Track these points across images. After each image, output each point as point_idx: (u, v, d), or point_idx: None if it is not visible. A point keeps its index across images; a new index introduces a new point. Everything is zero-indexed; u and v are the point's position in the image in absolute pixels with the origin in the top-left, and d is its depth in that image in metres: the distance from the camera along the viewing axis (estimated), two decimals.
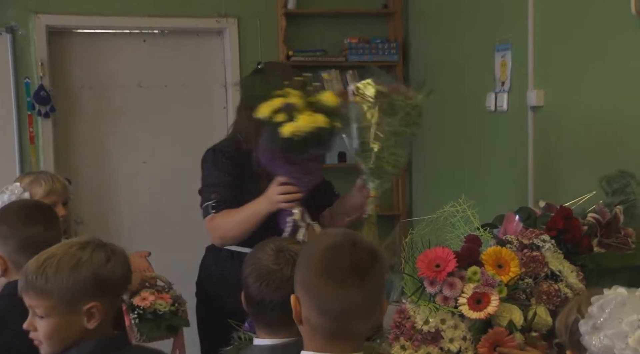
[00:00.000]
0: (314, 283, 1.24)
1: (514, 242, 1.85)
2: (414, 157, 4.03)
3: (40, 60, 3.58)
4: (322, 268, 1.24)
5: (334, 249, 1.25)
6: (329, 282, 1.22)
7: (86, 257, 1.49)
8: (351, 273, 1.23)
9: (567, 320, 1.27)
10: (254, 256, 1.53)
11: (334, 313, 1.23)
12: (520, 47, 2.86)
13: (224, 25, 3.87)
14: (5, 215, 1.92)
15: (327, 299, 1.22)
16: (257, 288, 1.47)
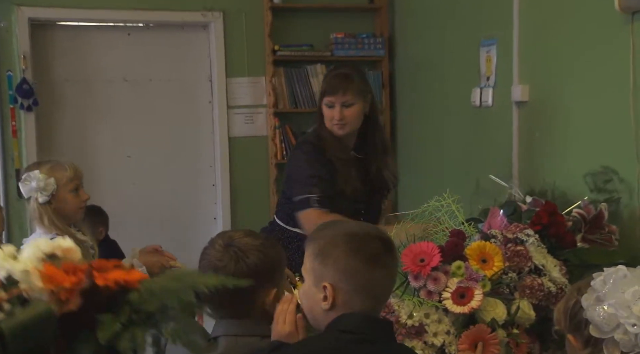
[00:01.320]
0: (359, 269, 1.31)
1: (498, 236, 1.86)
2: (400, 151, 4.04)
3: (22, 53, 3.53)
4: (365, 255, 1.31)
5: (367, 238, 1.35)
6: (376, 268, 1.32)
7: None
8: (388, 257, 1.35)
9: (566, 305, 1.30)
10: (205, 251, 1.58)
11: (380, 295, 1.35)
12: (505, 42, 2.86)
13: (210, 19, 3.85)
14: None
15: (373, 283, 1.32)
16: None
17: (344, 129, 2.41)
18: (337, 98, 2.38)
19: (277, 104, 3.85)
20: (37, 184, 2.15)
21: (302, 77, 3.87)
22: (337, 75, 2.43)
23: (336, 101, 2.38)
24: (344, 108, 2.39)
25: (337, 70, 2.51)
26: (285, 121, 3.89)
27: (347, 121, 2.40)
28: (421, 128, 3.77)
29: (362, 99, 2.43)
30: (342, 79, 2.40)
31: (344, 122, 2.40)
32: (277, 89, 3.85)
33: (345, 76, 2.42)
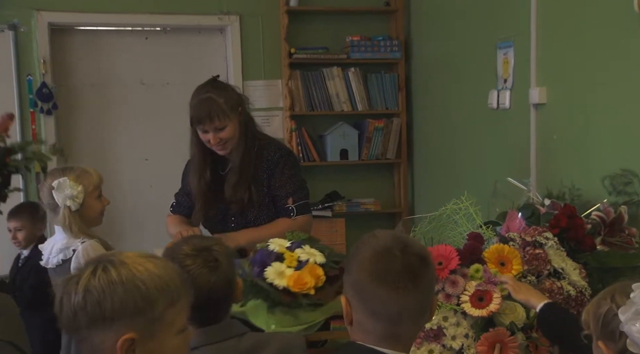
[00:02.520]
0: (367, 287, 1.22)
1: (516, 239, 1.85)
2: (415, 153, 4.04)
3: (42, 57, 3.58)
4: (375, 272, 1.22)
5: (385, 253, 1.23)
6: (383, 286, 1.21)
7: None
8: (404, 277, 1.21)
9: (598, 311, 1.24)
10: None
11: (388, 317, 1.22)
12: (522, 44, 2.85)
13: (226, 22, 3.87)
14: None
15: (381, 304, 1.21)
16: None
17: (225, 149, 2.37)
18: (207, 125, 2.32)
19: (294, 106, 3.86)
20: (70, 192, 2.18)
21: (319, 80, 3.88)
22: (201, 103, 2.33)
23: (207, 128, 2.33)
24: (217, 132, 2.33)
25: (200, 94, 2.36)
26: (302, 124, 3.90)
27: (225, 141, 2.35)
28: (437, 131, 3.76)
29: (234, 115, 2.34)
30: (206, 106, 2.31)
31: (222, 143, 2.35)
32: (294, 91, 3.86)
33: (208, 102, 2.31)
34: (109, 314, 1.13)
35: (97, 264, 1.16)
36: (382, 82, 3.97)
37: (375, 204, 4.02)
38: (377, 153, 3.98)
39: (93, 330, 1.15)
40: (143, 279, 1.15)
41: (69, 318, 1.15)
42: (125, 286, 1.14)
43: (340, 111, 3.92)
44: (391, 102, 3.99)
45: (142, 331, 1.15)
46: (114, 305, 1.13)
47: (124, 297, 1.14)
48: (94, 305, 1.13)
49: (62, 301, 1.16)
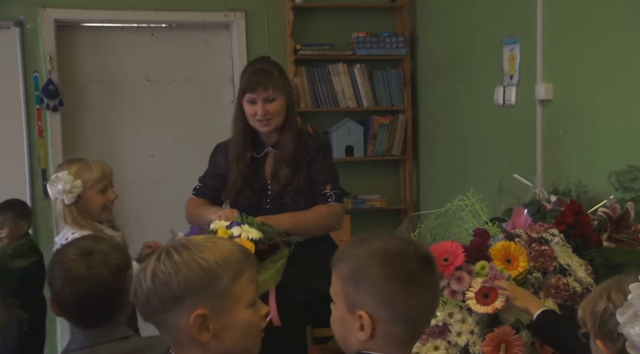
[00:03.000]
0: (396, 296, 1.19)
1: (522, 236, 1.85)
2: (421, 150, 4.03)
3: (48, 54, 3.59)
4: (401, 278, 1.20)
5: (403, 258, 1.21)
6: (413, 293, 1.20)
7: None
8: (427, 276, 1.22)
9: (594, 309, 1.23)
10: (61, 265, 1.55)
11: (420, 321, 1.23)
12: (528, 40, 2.84)
13: (232, 19, 3.87)
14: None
15: (413, 309, 1.20)
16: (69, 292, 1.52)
17: (269, 125, 2.33)
18: (259, 94, 2.30)
19: (299, 103, 3.86)
20: (63, 186, 2.19)
21: (324, 76, 3.88)
22: (256, 71, 2.34)
23: (258, 97, 2.30)
24: (267, 103, 2.31)
25: (255, 65, 2.40)
26: (307, 120, 3.90)
27: (272, 116, 2.33)
28: (443, 127, 3.76)
29: (284, 92, 2.35)
30: (262, 73, 2.33)
31: (268, 117, 2.32)
32: (299, 88, 3.85)
33: (264, 71, 2.34)
34: (177, 293, 1.20)
35: (162, 251, 1.24)
36: (387, 78, 3.97)
37: (381, 201, 4.01)
38: (382, 150, 3.97)
39: (167, 312, 1.21)
40: (204, 256, 1.22)
41: (144, 304, 1.22)
42: (188, 265, 1.20)
43: (346, 107, 3.91)
44: (397, 99, 3.98)
45: (212, 306, 1.21)
46: (180, 284, 1.19)
47: (188, 274, 1.20)
48: (162, 287, 1.20)
49: (136, 291, 1.23)
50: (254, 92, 2.30)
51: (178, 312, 1.20)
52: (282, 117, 2.35)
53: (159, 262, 1.21)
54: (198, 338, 1.20)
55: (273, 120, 2.33)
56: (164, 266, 1.21)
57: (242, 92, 2.35)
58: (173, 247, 1.24)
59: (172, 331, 1.23)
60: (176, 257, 1.21)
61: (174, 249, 1.23)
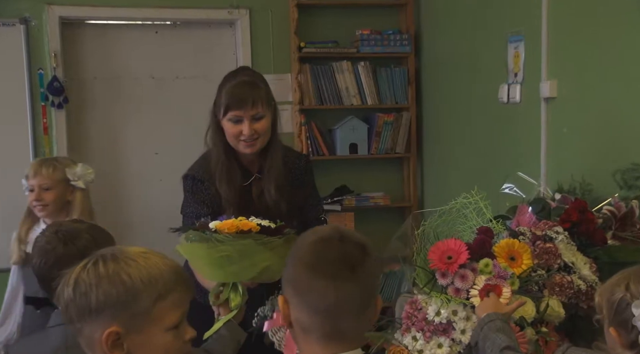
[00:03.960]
0: (303, 280, 1.15)
1: (527, 233, 1.84)
2: (425, 148, 4.03)
3: (53, 51, 3.60)
4: (310, 262, 1.15)
5: (322, 243, 1.17)
6: (318, 277, 1.14)
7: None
8: (341, 266, 1.14)
9: (611, 297, 1.22)
10: (35, 240, 1.66)
11: (326, 310, 1.14)
12: (533, 38, 2.84)
13: (236, 16, 3.87)
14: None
15: (318, 296, 1.14)
16: (38, 266, 1.60)
17: (254, 146, 2.08)
18: (247, 111, 2.04)
19: (303, 100, 3.86)
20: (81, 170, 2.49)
21: (328, 73, 3.87)
22: (241, 85, 2.07)
23: (245, 115, 2.04)
24: (254, 122, 2.05)
25: (238, 77, 2.11)
26: (311, 118, 3.90)
27: (258, 136, 2.07)
28: (447, 125, 3.75)
29: (270, 108, 2.11)
30: (249, 88, 2.06)
31: (254, 137, 2.06)
32: (303, 85, 3.86)
33: (252, 85, 2.07)
34: (94, 306, 1.18)
35: (91, 259, 1.22)
36: (391, 76, 3.96)
37: (385, 199, 4.01)
38: (386, 147, 3.97)
39: (82, 322, 1.20)
40: (129, 272, 1.18)
41: (63, 310, 1.22)
42: (110, 279, 1.18)
43: (350, 105, 3.91)
44: (401, 96, 3.98)
45: (127, 324, 1.17)
46: (99, 297, 1.17)
47: (108, 289, 1.17)
48: (81, 297, 1.18)
49: (59, 294, 1.22)
50: (240, 109, 2.04)
51: (93, 325, 1.18)
52: (267, 137, 2.10)
53: (84, 271, 1.20)
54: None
55: (259, 140, 2.08)
56: (87, 276, 1.19)
57: (225, 110, 2.06)
58: (102, 256, 1.21)
59: (88, 343, 1.21)
60: (101, 269, 1.19)
61: (102, 259, 1.21)
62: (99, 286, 1.18)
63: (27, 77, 3.57)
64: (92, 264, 1.20)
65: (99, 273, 1.19)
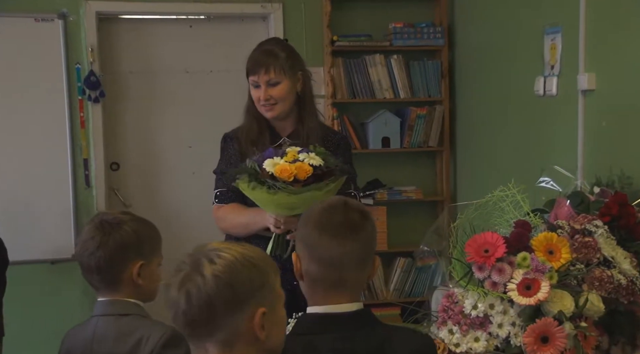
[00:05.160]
0: (312, 237, 1.39)
1: (565, 227, 1.82)
2: (459, 141, 4.00)
3: (90, 46, 3.66)
4: (318, 223, 1.40)
5: (328, 208, 1.42)
6: (324, 234, 1.38)
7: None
8: (343, 226, 1.39)
9: None
10: (83, 230, 1.69)
11: (330, 262, 1.37)
12: (571, 30, 2.79)
13: (269, 10, 3.88)
14: None
15: (323, 249, 1.37)
16: (79, 255, 1.65)
17: (273, 111, 2.21)
18: (261, 77, 2.19)
19: (336, 94, 3.86)
20: None
21: (361, 67, 3.87)
22: (260, 52, 2.22)
23: (260, 80, 2.19)
24: (269, 87, 2.19)
25: (261, 46, 2.27)
26: (343, 111, 3.90)
27: (276, 101, 2.19)
28: (481, 118, 3.72)
29: (291, 76, 2.20)
30: (265, 55, 2.20)
31: (271, 102, 2.19)
32: (336, 79, 3.85)
33: (269, 52, 2.20)
34: (242, 294, 1.16)
35: (201, 256, 1.18)
36: (425, 69, 3.94)
37: (417, 192, 4.00)
38: (419, 141, 3.95)
39: (229, 315, 1.16)
40: (250, 255, 1.20)
41: (202, 309, 1.15)
42: (242, 263, 1.18)
43: (383, 98, 3.90)
44: (434, 90, 3.95)
45: (268, 303, 1.20)
46: (244, 283, 1.17)
47: (248, 273, 1.17)
48: (227, 288, 1.15)
49: (188, 296, 1.15)
50: (255, 74, 2.20)
51: (242, 313, 1.17)
52: (289, 103, 2.22)
53: (214, 263, 1.16)
54: (260, 337, 1.18)
55: (278, 105, 2.21)
56: (221, 266, 1.16)
57: (247, 74, 2.25)
58: (216, 249, 1.19)
59: (228, 334, 1.17)
60: (228, 257, 1.18)
61: (212, 252, 1.18)
62: (239, 272, 1.17)
63: (64, 71, 3.63)
64: (215, 256, 1.17)
65: (229, 260, 1.17)
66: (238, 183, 2.00)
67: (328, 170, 1.95)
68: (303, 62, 2.30)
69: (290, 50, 2.27)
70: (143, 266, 1.62)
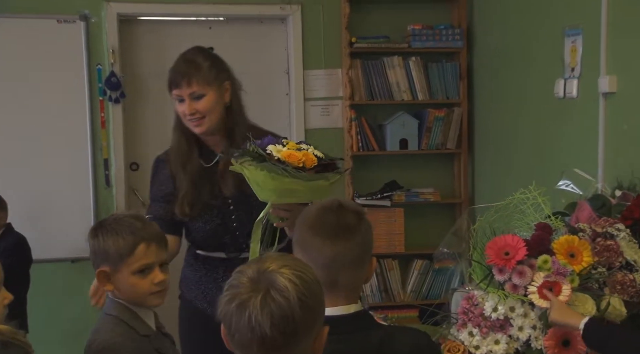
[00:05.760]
0: (306, 239, 1.40)
1: (586, 230, 1.82)
2: (477, 143, 3.98)
3: (111, 47, 3.69)
4: (313, 225, 1.40)
5: (323, 210, 1.42)
6: (318, 236, 1.38)
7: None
8: (336, 227, 1.39)
9: None
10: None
11: (323, 264, 1.36)
12: (592, 31, 2.77)
13: (288, 12, 3.90)
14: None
15: (318, 251, 1.37)
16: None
17: (201, 126, 2.04)
18: (183, 90, 2.03)
19: (354, 96, 3.87)
20: None
21: (379, 69, 3.87)
22: (180, 63, 2.07)
23: (182, 93, 2.03)
24: (193, 101, 2.03)
25: (182, 56, 2.12)
26: (362, 113, 3.90)
27: (203, 115, 2.03)
28: (500, 121, 3.70)
29: (217, 86, 2.06)
30: (186, 66, 2.05)
31: (197, 116, 2.03)
32: (354, 81, 3.86)
33: (189, 62, 2.06)
34: (319, 316, 1.13)
35: (275, 275, 1.10)
36: (443, 71, 3.93)
37: (435, 194, 3.99)
38: (437, 143, 3.94)
39: (307, 337, 1.12)
40: (307, 270, 1.14)
41: (287, 335, 1.08)
42: (315, 282, 1.14)
43: (401, 100, 3.90)
44: (452, 92, 3.94)
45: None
46: (321, 304, 1.14)
47: (318, 293, 1.13)
48: (309, 311, 1.10)
49: (272, 321, 1.07)
50: (177, 87, 2.05)
51: (313, 334, 1.13)
52: (217, 116, 2.06)
53: (293, 283, 1.09)
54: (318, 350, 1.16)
55: (205, 119, 2.04)
56: (300, 286, 1.09)
57: (169, 89, 2.09)
58: (286, 266, 1.12)
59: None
60: (305, 277, 1.12)
61: (274, 271, 1.10)
62: (313, 291, 1.13)
63: (86, 72, 3.67)
64: (290, 273, 1.11)
65: (305, 278, 1.12)
66: (234, 164, 1.85)
67: (331, 162, 1.91)
68: (230, 71, 2.16)
69: (214, 59, 2.12)
70: (109, 272, 1.61)
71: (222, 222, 2.11)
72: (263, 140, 1.87)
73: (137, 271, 1.60)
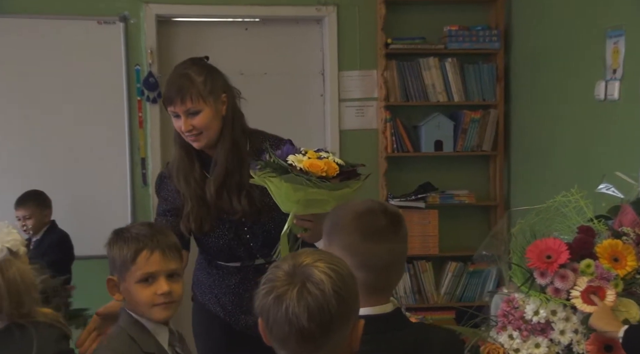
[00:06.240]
0: (359, 245, 1.37)
1: (630, 234, 1.78)
2: (514, 147, 3.94)
3: (149, 48, 3.75)
4: (360, 229, 1.38)
5: (368, 213, 1.40)
6: (369, 240, 1.37)
7: None
8: (387, 230, 1.39)
9: None
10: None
11: (380, 268, 1.37)
12: (635, 32, 2.73)
13: (323, 13, 3.91)
14: None
15: (370, 255, 1.36)
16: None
17: (199, 141, 2.01)
18: (177, 107, 1.98)
19: (389, 97, 3.86)
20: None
21: (415, 70, 3.85)
22: (173, 78, 2.02)
23: (177, 110, 1.99)
24: (189, 117, 1.98)
25: (176, 70, 2.06)
26: (396, 114, 3.89)
27: (199, 130, 1.99)
28: (537, 123, 3.66)
29: (213, 101, 2.01)
30: (179, 80, 2.00)
31: (194, 132, 1.99)
32: (389, 82, 3.85)
33: (182, 77, 2.00)
34: (355, 308, 1.17)
35: (311, 269, 1.13)
36: (479, 72, 3.90)
37: (470, 197, 3.96)
38: (472, 145, 3.91)
39: (344, 329, 1.14)
40: (341, 264, 1.17)
41: (323, 325, 1.10)
42: (350, 275, 1.17)
43: (436, 101, 3.88)
44: (488, 93, 3.91)
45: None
46: (356, 296, 1.17)
47: (355, 286, 1.17)
48: (344, 303, 1.12)
49: (310, 313, 1.10)
50: (171, 104, 1.99)
51: (349, 327, 1.15)
52: (215, 130, 2.02)
53: (328, 276, 1.12)
54: (356, 348, 1.17)
55: (203, 135, 2.01)
56: (336, 280, 1.12)
57: (165, 106, 2.05)
58: (321, 260, 1.14)
59: (333, 346, 1.13)
60: (335, 266, 1.14)
61: (309, 266, 1.13)
62: (348, 284, 1.16)
63: (124, 72, 3.73)
64: (325, 266, 1.14)
65: (338, 271, 1.14)
66: (255, 177, 1.84)
67: (353, 169, 1.89)
68: (226, 80, 2.10)
69: (208, 72, 2.05)
70: (117, 281, 1.59)
71: (235, 236, 2.10)
72: (282, 150, 1.85)
73: (140, 280, 1.53)
